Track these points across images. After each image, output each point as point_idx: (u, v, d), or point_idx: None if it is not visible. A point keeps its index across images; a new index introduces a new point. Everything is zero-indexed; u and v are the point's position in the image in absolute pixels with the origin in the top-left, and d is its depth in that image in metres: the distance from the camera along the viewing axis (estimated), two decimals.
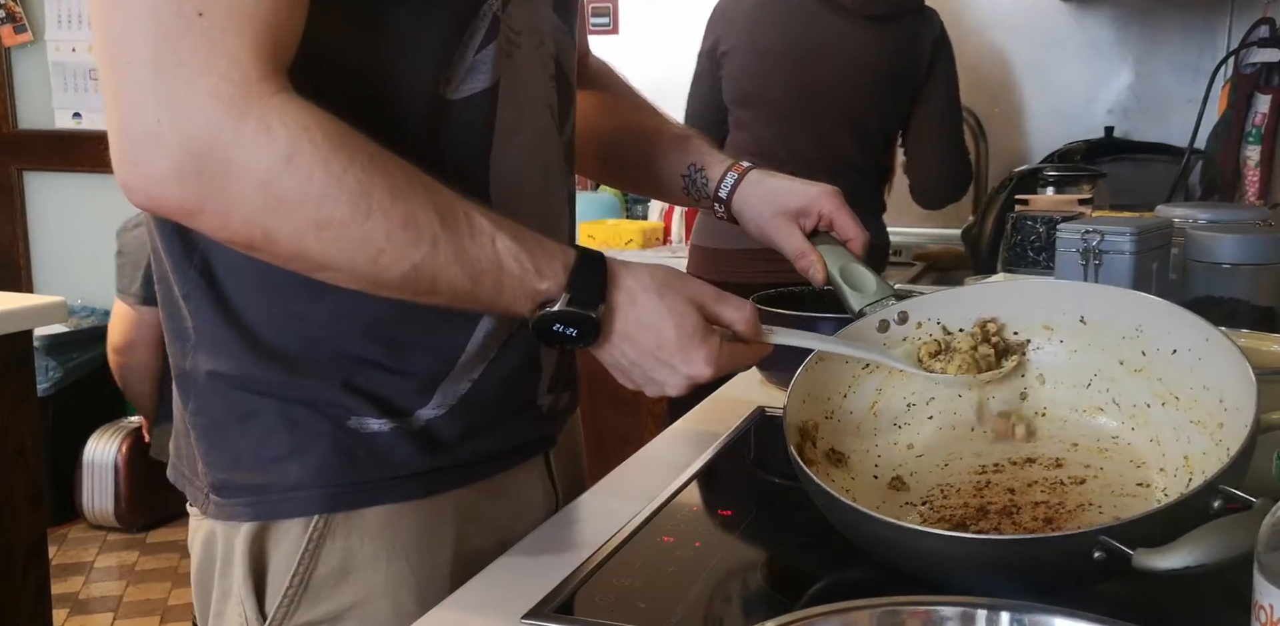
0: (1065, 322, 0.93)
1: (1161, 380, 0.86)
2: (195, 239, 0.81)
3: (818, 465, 0.88)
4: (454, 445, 0.87)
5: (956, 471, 0.90)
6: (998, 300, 0.96)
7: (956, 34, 2.90)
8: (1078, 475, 0.87)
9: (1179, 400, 0.85)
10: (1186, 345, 0.84)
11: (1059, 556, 0.69)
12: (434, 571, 0.86)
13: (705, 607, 0.78)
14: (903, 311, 0.96)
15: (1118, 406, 0.90)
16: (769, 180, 1.06)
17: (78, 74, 3.72)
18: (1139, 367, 0.88)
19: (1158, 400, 0.87)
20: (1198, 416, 0.82)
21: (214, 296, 0.82)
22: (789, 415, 0.87)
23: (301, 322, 0.82)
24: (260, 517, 0.83)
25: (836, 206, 1.03)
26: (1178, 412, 0.85)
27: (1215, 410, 0.80)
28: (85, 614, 2.89)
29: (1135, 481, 0.84)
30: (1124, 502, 0.82)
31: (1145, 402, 0.88)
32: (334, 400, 0.82)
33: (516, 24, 0.85)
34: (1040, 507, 0.84)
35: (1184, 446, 0.83)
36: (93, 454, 3.34)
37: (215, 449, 0.84)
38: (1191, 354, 0.84)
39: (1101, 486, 0.85)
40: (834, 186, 1.05)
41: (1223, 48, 2.67)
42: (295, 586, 0.83)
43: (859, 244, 1.03)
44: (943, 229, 2.92)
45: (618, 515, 0.93)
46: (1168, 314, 0.86)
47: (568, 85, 0.94)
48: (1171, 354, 0.86)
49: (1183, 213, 1.56)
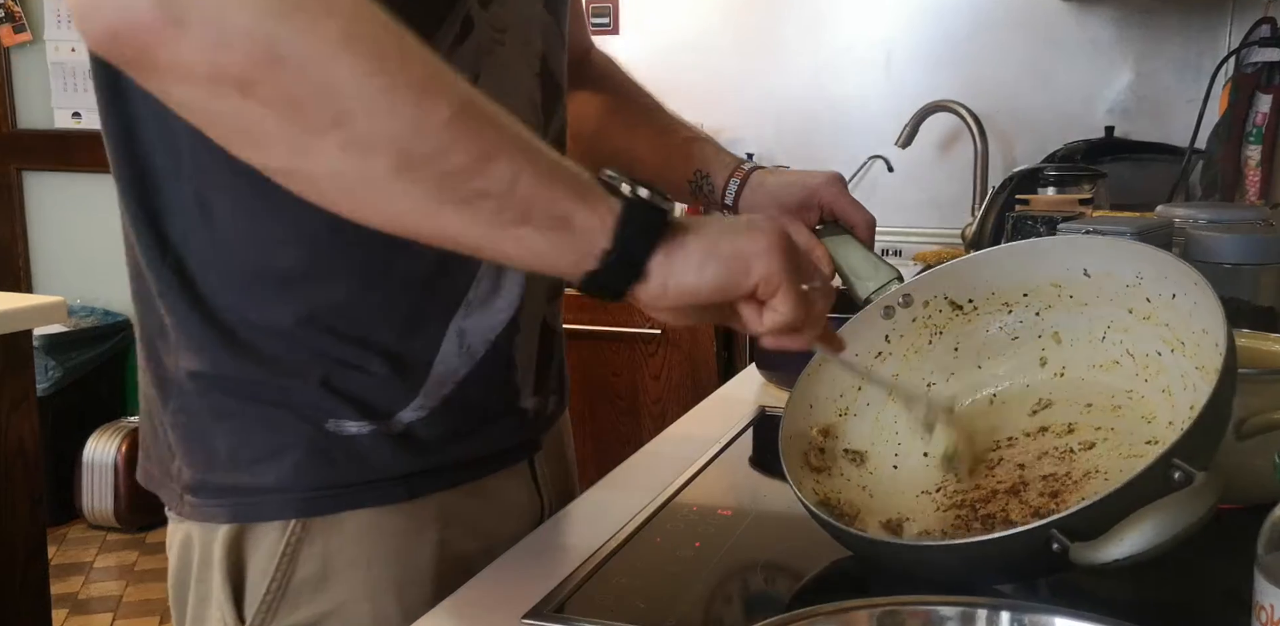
0: (1070, 278, 0.92)
1: (1169, 325, 0.86)
2: (169, 234, 0.79)
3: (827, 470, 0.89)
4: (435, 448, 0.86)
5: (973, 449, 0.90)
6: (999, 266, 0.95)
7: (956, 34, 2.91)
8: (1087, 439, 0.86)
9: (1184, 345, 0.84)
10: (1182, 290, 0.84)
11: (1025, 550, 0.69)
12: (416, 575, 0.86)
13: (705, 607, 0.78)
14: (906, 294, 0.96)
15: (1132, 357, 0.89)
16: (770, 179, 1.06)
17: (77, 74, 3.72)
18: (1147, 315, 0.87)
19: (1167, 347, 0.86)
20: (1200, 361, 0.81)
21: (189, 295, 0.80)
22: (791, 425, 0.87)
23: (276, 322, 0.80)
24: (237, 520, 0.82)
25: (836, 194, 1.02)
26: (1184, 359, 0.84)
27: (1213, 355, 0.78)
28: (85, 614, 2.89)
29: (1145, 439, 0.83)
30: (1130, 465, 0.81)
31: (1156, 351, 0.87)
32: (311, 402, 0.81)
33: (500, 21, 0.84)
34: (1048, 481, 0.83)
35: (1190, 395, 0.82)
36: (92, 454, 3.34)
37: (194, 448, 0.83)
38: (1188, 298, 0.83)
39: (1110, 449, 0.84)
40: (834, 172, 1.04)
41: (1223, 47, 2.67)
42: (273, 591, 0.83)
43: (864, 229, 1.02)
44: (943, 229, 2.92)
45: (617, 515, 0.93)
46: (1157, 258, 0.85)
47: (554, 83, 0.93)
48: (1172, 298, 0.85)
49: (1183, 213, 1.56)
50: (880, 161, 2.97)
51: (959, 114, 2.81)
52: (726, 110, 3.03)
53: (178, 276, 0.80)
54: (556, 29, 0.93)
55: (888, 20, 2.95)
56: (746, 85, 3.08)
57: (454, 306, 0.85)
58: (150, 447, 0.89)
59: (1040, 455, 0.87)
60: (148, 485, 0.91)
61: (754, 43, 3.06)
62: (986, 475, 0.87)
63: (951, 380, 0.96)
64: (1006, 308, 0.95)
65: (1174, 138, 2.68)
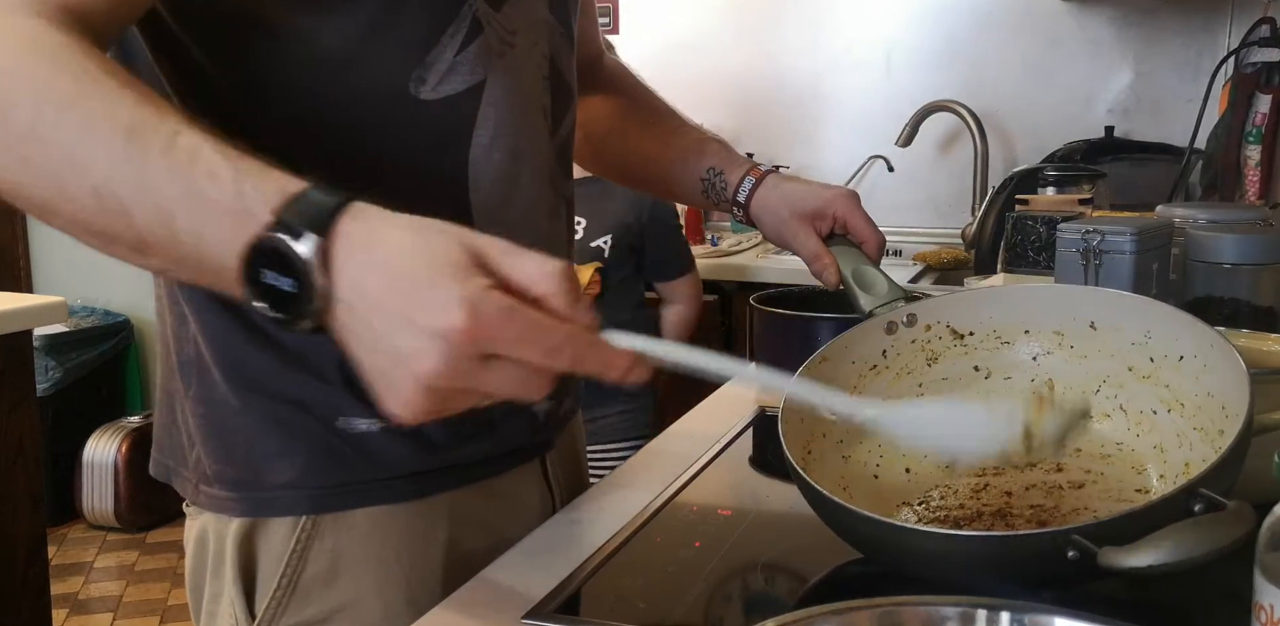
0: (1075, 328, 0.92)
1: (1169, 387, 0.86)
2: None
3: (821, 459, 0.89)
4: (446, 446, 0.86)
5: (958, 473, 0.90)
6: (1007, 304, 0.95)
7: (956, 34, 2.91)
8: (1077, 480, 0.87)
9: (1184, 407, 0.85)
10: (1193, 351, 0.84)
11: (1034, 554, 0.69)
12: (425, 573, 0.86)
13: (705, 607, 0.78)
14: (911, 313, 0.96)
15: (1124, 412, 0.90)
16: (786, 184, 1.06)
17: None
18: (1147, 374, 0.88)
19: (1164, 407, 0.86)
20: (1200, 423, 0.82)
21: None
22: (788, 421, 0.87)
23: None
24: (249, 513, 0.83)
25: (851, 208, 1.03)
26: (1182, 419, 0.84)
27: (1217, 417, 0.80)
28: (85, 614, 2.89)
29: (1134, 487, 0.84)
30: (1120, 508, 0.82)
31: (1152, 409, 0.87)
32: (324, 398, 0.81)
33: (511, 23, 0.84)
34: (1035, 511, 0.84)
35: (1185, 453, 0.83)
36: (93, 454, 3.34)
37: (213, 438, 0.83)
38: (1197, 360, 0.83)
39: (1100, 491, 0.85)
40: (851, 190, 1.06)
41: (1223, 47, 2.67)
42: (284, 587, 0.83)
43: (873, 246, 1.03)
44: (943, 229, 2.93)
45: (617, 515, 0.93)
46: (1175, 320, 0.86)
47: (564, 86, 0.93)
48: (1179, 360, 0.85)
49: (1183, 213, 1.55)
50: (880, 161, 2.97)
51: (959, 114, 2.81)
52: (726, 110, 3.03)
53: None
54: (563, 32, 0.92)
55: (888, 20, 2.95)
56: (746, 85, 3.08)
57: None
58: (165, 438, 0.89)
59: (1028, 487, 0.87)
60: (158, 476, 0.91)
61: (754, 43, 3.06)
62: (973, 496, 0.87)
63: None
64: (1006, 345, 0.95)
65: (1174, 138, 2.68)
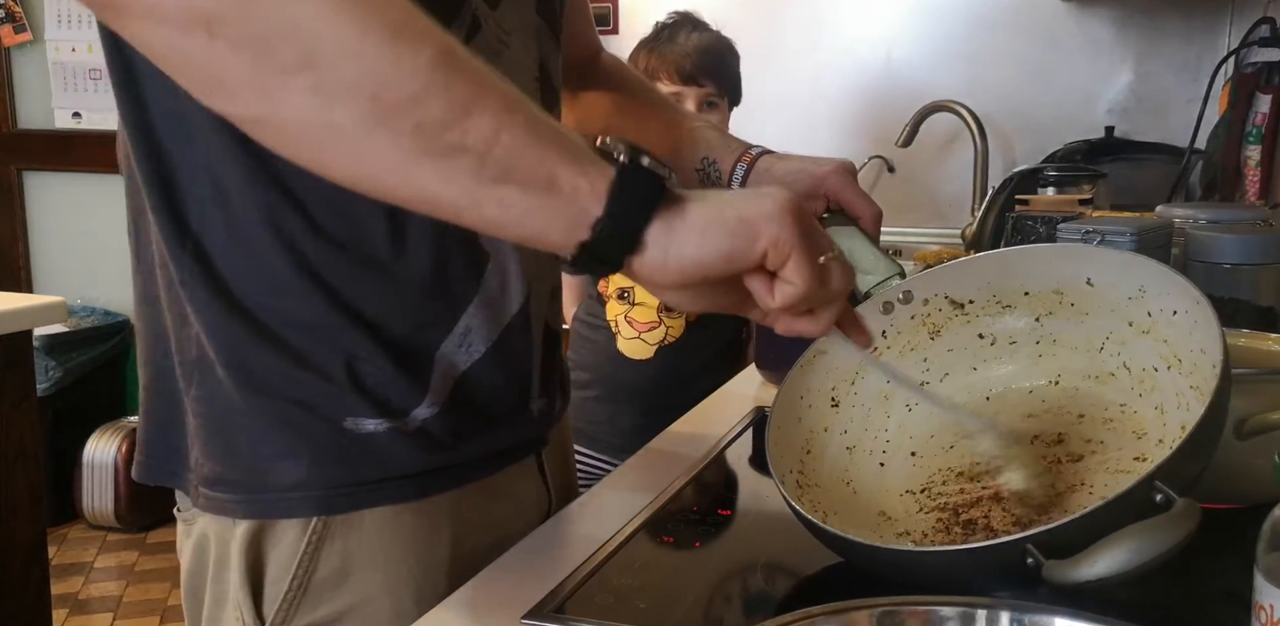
0: (1073, 286, 0.92)
1: (1167, 342, 0.86)
2: (188, 220, 0.79)
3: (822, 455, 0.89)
4: (449, 446, 0.86)
5: (960, 453, 0.90)
6: (1002, 268, 0.95)
7: (956, 34, 2.90)
8: (1076, 452, 0.86)
9: (1181, 363, 0.84)
10: (1184, 307, 0.83)
11: (1000, 563, 0.69)
12: (432, 572, 0.86)
13: (705, 607, 0.78)
14: (907, 290, 0.95)
15: (1128, 370, 0.89)
16: (778, 165, 1.04)
17: (77, 74, 3.71)
18: (1146, 329, 0.87)
19: (1164, 363, 0.86)
20: (1196, 382, 0.81)
21: (210, 283, 0.80)
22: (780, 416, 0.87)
23: (295, 311, 0.80)
24: (255, 516, 0.82)
25: (843, 183, 1.00)
26: (1180, 377, 0.84)
27: (1210, 376, 0.79)
28: (85, 614, 2.89)
29: (1133, 455, 0.83)
30: (1116, 480, 0.81)
31: (1153, 366, 0.87)
32: (330, 398, 0.81)
33: (507, 23, 0.84)
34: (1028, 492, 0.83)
35: (1183, 414, 0.82)
36: (93, 454, 3.34)
37: (214, 440, 0.83)
38: (1189, 316, 0.83)
39: (1098, 463, 0.84)
40: (845, 160, 1.02)
41: (1223, 47, 2.67)
42: (294, 589, 0.83)
43: (869, 220, 1.00)
44: (943, 229, 2.92)
45: (617, 515, 0.93)
46: (1162, 276, 0.85)
47: (551, 89, 0.93)
48: (1173, 315, 0.85)
49: (1183, 213, 1.55)
50: (880, 161, 2.97)
51: (959, 114, 2.81)
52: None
53: (198, 263, 0.80)
54: (550, 33, 0.93)
55: (888, 20, 2.95)
56: (746, 85, 3.07)
57: (464, 303, 0.85)
58: (157, 440, 0.88)
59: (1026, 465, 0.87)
60: (147, 480, 0.89)
61: (754, 43, 3.06)
62: (973, 480, 0.87)
63: (946, 380, 0.96)
64: (1008, 309, 0.95)
65: (1174, 138, 2.68)
